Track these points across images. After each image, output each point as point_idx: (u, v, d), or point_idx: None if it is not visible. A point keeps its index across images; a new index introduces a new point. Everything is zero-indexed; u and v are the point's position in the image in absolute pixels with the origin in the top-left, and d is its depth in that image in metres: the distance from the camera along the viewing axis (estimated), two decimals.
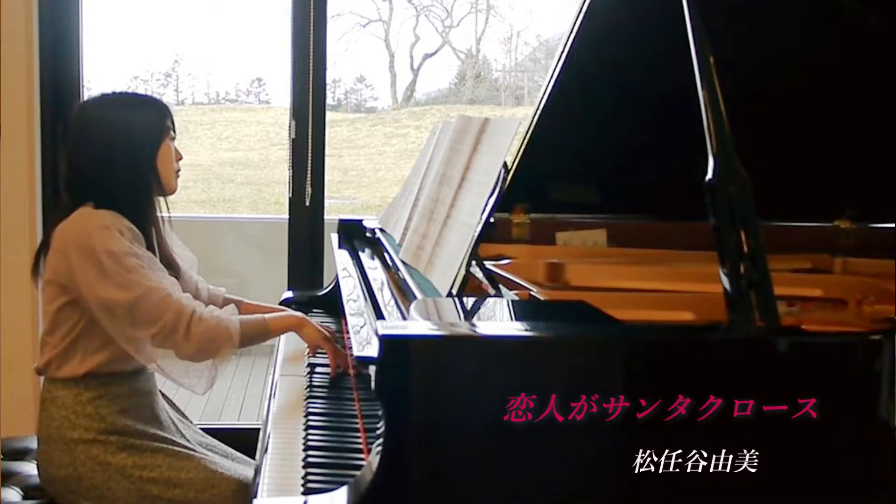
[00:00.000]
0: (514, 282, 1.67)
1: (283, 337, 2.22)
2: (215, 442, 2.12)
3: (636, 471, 1.20)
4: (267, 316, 1.96)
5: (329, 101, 3.27)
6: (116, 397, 1.91)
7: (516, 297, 1.56)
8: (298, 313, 2.03)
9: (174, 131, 2.00)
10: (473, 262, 1.60)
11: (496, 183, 1.58)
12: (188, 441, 2.01)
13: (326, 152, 3.16)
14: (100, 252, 1.80)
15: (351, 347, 1.91)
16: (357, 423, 1.68)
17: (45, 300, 1.93)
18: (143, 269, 1.82)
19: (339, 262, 2.34)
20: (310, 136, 3.12)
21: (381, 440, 1.17)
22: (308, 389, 1.85)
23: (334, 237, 2.58)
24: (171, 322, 1.81)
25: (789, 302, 1.70)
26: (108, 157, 1.91)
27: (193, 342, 1.82)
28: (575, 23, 1.81)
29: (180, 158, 2.02)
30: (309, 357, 2.10)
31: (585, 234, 2.19)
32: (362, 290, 1.93)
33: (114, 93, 2.02)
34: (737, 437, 1.21)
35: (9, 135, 2.91)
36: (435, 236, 1.70)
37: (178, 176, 2.01)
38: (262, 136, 10.12)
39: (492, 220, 1.59)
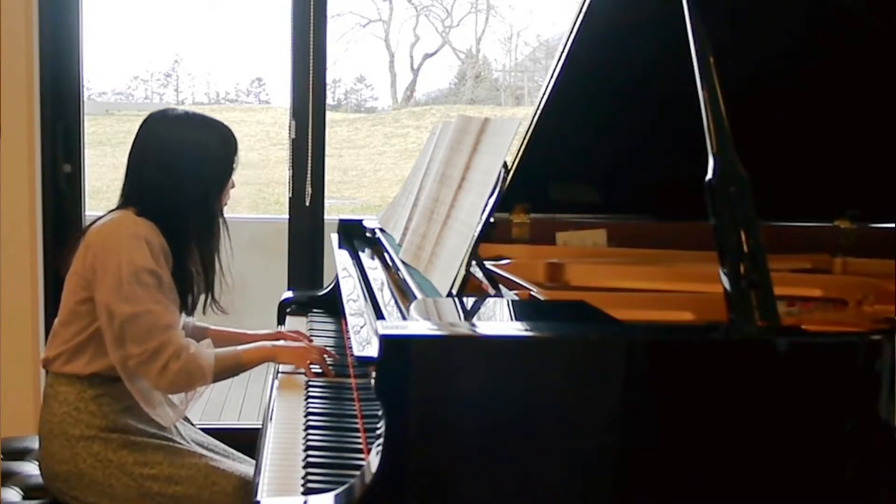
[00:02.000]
0: (514, 282, 1.67)
1: None
2: (215, 442, 2.12)
3: (636, 470, 1.20)
4: (241, 348, 1.95)
5: (329, 101, 3.27)
6: (119, 396, 1.92)
7: (516, 297, 1.56)
8: (268, 343, 2.03)
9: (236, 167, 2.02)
10: (473, 262, 1.60)
11: (496, 183, 1.58)
12: (188, 441, 2.01)
13: (326, 152, 3.16)
14: (123, 258, 1.82)
15: (351, 347, 1.91)
16: (357, 423, 1.68)
17: (68, 291, 1.94)
18: (154, 291, 1.83)
19: (339, 262, 2.34)
20: (310, 136, 3.12)
21: (381, 440, 1.17)
22: (308, 389, 1.85)
23: (334, 237, 2.59)
24: (153, 349, 1.81)
25: (789, 302, 1.70)
26: (178, 180, 1.93)
27: (168, 377, 1.82)
28: (575, 23, 1.81)
29: (233, 187, 2.03)
30: None
31: (585, 234, 2.19)
32: (362, 290, 1.93)
33: (195, 114, 2.01)
34: (736, 437, 1.21)
35: (9, 135, 2.91)
36: (435, 236, 1.70)
37: (225, 204, 2.04)
38: (262, 136, 10.11)
39: (492, 220, 1.59)
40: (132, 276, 1.81)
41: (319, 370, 1.93)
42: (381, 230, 2.27)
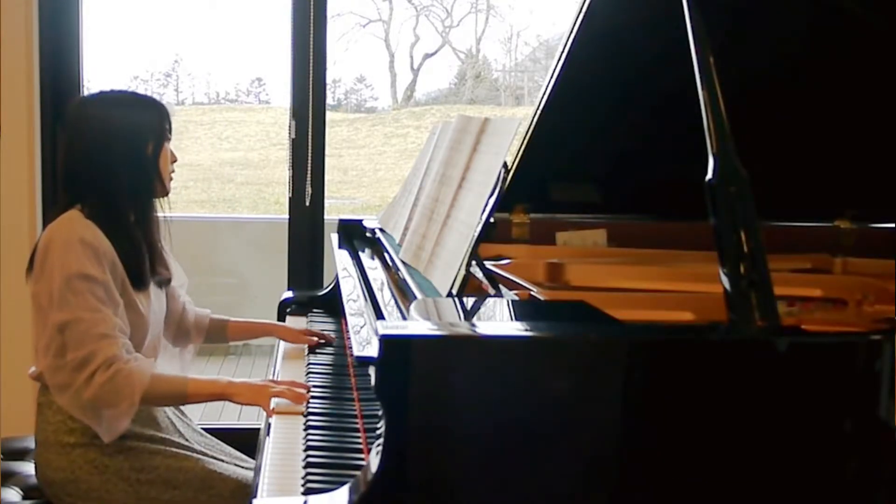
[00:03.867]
0: (514, 282, 1.67)
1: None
2: (215, 441, 2.11)
3: (637, 471, 1.20)
4: (190, 378, 1.85)
5: (329, 101, 3.27)
6: None
7: (516, 297, 1.56)
8: (224, 380, 1.87)
9: (171, 133, 1.98)
10: (473, 262, 1.60)
11: (496, 183, 1.58)
12: (187, 440, 2.00)
13: (326, 152, 3.16)
14: (56, 265, 1.79)
15: (351, 347, 1.91)
16: (357, 423, 1.68)
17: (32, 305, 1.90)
18: (90, 298, 1.77)
19: (339, 262, 2.34)
20: (310, 136, 3.12)
21: (381, 440, 1.17)
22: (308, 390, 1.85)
23: (334, 237, 2.59)
24: (82, 358, 1.75)
25: (789, 302, 1.70)
26: (109, 156, 1.89)
27: (93, 388, 1.74)
28: (575, 23, 1.80)
29: (175, 161, 1.99)
30: (309, 357, 2.10)
31: (585, 234, 2.19)
32: (362, 290, 1.93)
33: (113, 91, 1.99)
34: (737, 437, 1.21)
35: (9, 135, 2.91)
36: (435, 236, 1.70)
37: (171, 179, 1.99)
38: (262, 136, 10.12)
39: (492, 220, 1.59)
40: (65, 283, 1.77)
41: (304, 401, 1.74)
42: (381, 230, 2.27)
